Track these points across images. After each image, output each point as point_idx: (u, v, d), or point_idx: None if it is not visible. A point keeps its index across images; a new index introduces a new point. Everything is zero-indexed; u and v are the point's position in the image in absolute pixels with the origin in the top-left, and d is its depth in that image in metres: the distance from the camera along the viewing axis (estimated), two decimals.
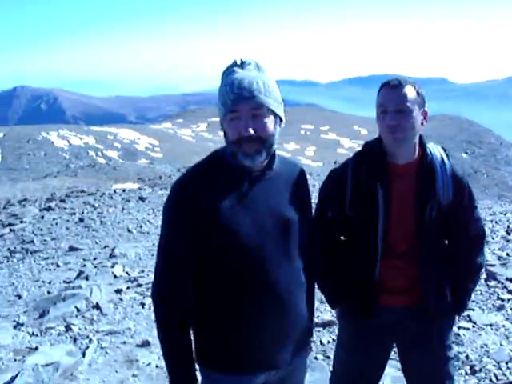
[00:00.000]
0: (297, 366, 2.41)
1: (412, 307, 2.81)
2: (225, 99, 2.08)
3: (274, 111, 2.14)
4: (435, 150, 2.79)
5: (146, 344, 5.17)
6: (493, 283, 6.63)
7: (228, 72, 2.13)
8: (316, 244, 2.57)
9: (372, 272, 2.75)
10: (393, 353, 3.05)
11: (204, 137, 66.65)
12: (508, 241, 9.62)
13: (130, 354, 4.98)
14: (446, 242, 2.88)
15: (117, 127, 64.96)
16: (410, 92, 2.59)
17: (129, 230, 11.28)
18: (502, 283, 6.61)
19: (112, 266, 8.21)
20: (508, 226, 11.22)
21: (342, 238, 2.92)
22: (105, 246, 9.94)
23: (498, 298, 6.09)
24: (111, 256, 9.03)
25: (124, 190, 17.96)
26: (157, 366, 4.73)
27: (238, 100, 2.06)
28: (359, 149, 2.91)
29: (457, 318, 3.11)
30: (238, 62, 2.13)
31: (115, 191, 17.78)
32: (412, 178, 2.73)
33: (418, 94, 2.63)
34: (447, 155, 2.81)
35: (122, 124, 79.24)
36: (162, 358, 4.70)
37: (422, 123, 2.67)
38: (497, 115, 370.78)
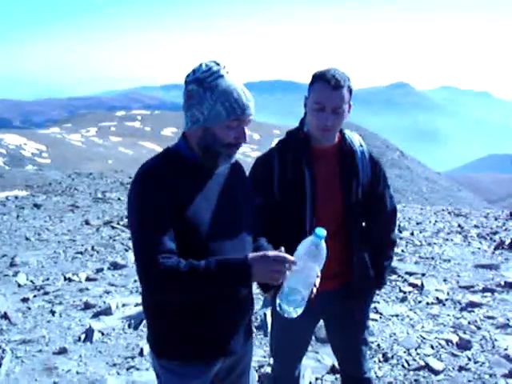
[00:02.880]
0: (246, 351, 2.56)
1: (340, 288, 3.05)
2: (232, 106, 2.16)
3: None
4: (352, 134, 3.04)
5: (63, 351, 5.07)
6: (394, 277, 7.05)
7: (217, 75, 2.18)
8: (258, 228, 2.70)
9: None
10: (311, 346, 3.25)
11: (94, 142, 65.07)
12: (401, 238, 10.20)
13: (48, 362, 4.87)
14: (364, 223, 3.13)
15: (1, 132, 62.09)
16: (346, 93, 2.75)
17: (27, 238, 10.88)
18: (402, 277, 7.06)
19: (14, 275, 7.93)
20: (399, 225, 11.89)
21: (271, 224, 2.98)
22: (3, 255, 9.54)
23: (400, 291, 6.51)
24: (12, 265, 8.70)
25: (17, 197, 17.27)
26: (77, 373, 4.65)
27: (247, 110, 2.19)
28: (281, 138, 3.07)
29: None
30: (222, 66, 2.21)
31: (7, 198, 17.06)
32: (334, 159, 2.94)
33: (350, 90, 2.79)
34: (362, 139, 3.06)
35: (6, 129, 75.77)
36: (80, 364, 4.66)
37: (346, 116, 2.86)
38: (382, 120, 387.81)
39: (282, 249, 2.13)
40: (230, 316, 2.37)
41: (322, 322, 3.29)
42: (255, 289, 3.18)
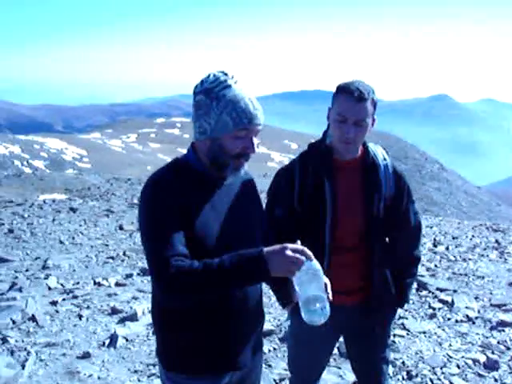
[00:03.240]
0: (255, 365, 2.52)
1: (360, 304, 2.98)
2: (239, 116, 2.13)
3: None
4: (376, 148, 2.97)
5: (86, 356, 5.10)
6: (424, 293, 6.91)
7: (224, 86, 2.16)
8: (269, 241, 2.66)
9: None
10: (333, 360, 3.19)
11: (134, 148, 65.91)
12: (435, 253, 10.04)
13: (71, 366, 4.90)
14: (387, 238, 3.05)
15: (43, 136, 63.42)
16: (369, 106, 2.69)
17: (61, 242, 11.05)
18: (433, 293, 6.91)
19: (45, 278, 8.03)
20: (434, 239, 11.70)
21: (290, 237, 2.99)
22: (36, 258, 9.70)
23: (430, 307, 6.37)
24: (44, 267, 8.83)
25: (54, 201, 17.59)
26: (99, 378, 4.67)
27: (254, 120, 2.16)
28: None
29: (392, 325, 3.30)
30: (230, 76, 2.19)
31: (45, 202, 17.38)
32: (356, 172, 2.88)
33: (374, 103, 2.74)
34: (387, 153, 2.99)
35: (48, 133, 77.34)
36: (103, 369, 4.68)
37: (370, 129, 2.81)
38: (422, 132, 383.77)
39: (299, 242, 2.08)
40: (239, 329, 2.34)
41: None
42: (275, 300, 3.14)
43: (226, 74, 2.19)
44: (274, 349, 5.26)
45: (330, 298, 2.15)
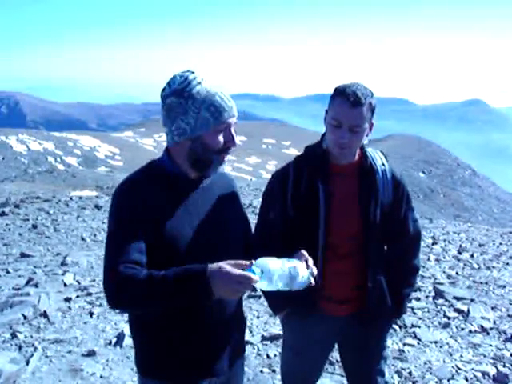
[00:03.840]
0: (235, 371, 2.46)
1: (354, 315, 2.89)
2: (218, 110, 2.11)
3: None
4: (374, 153, 2.87)
5: (91, 353, 5.09)
6: (440, 301, 6.75)
7: (195, 84, 2.12)
8: (254, 245, 2.59)
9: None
10: (339, 368, 3.10)
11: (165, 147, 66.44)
12: (459, 260, 9.84)
13: (75, 364, 4.90)
14: (385, 247, 2.95)
15: (77, 134, 64.33)
16: (366, 111, 2.58)
17: (82, 238, 11.14)
18: (449, 301, 6.74)
19: (63, 274, 8.09)
20: (460, 246, 11.48)
21: (283, 240, 2.87)
22: (57, 254, 9.80)
23: (445, 316, 6.21)
24: (63, 264, 8.90)
25: (80, 198, 17.76)
26: (101, 376, 4.66)
27: (231, 112, 2.15)
28: None
29: (402, 334, 3.20)
30: (196, 74, 2.16)
31: (71, 198, 17.56)
32: (353, 177, 2.79)
33: (371, 108, 2.62)
34: (385, 158, 2.89)
35: (82, 131, 78.42)
36: (106, 368, 4.67)
37: (367, 134, 2.71)
38: (454, 137, 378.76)
39: (253, 261, 1.88)
40: (216, 334, 2.28)
41: None
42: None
43: (192, 72, 2.15)
44: (280, 353, 5.18)
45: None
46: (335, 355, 4.45)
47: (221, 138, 2.16)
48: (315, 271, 2.08)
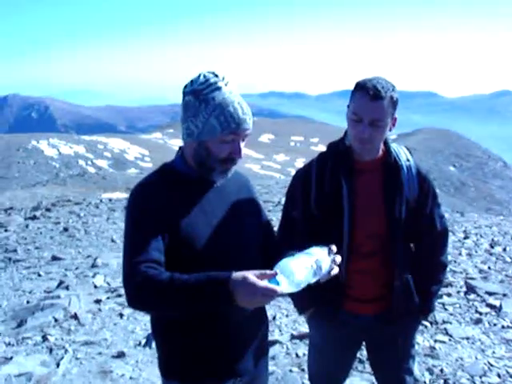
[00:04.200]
0: (260, 371, 2.44)
1: (381, 314, 2.84)
2: (227, 120, 2.07)
3: None
4: (399, 148, 2.81)
5: (121, 355, 5.13)
6: (472, 296, 6.65)
7: (214, 88, 2.09)
8: (275, 244, 2.54)
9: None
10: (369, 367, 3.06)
11: None
12: (491, 254, 9.67)
13: (105, 365, 4.94)
14: (412, 244, 2.89)
15: (107, 136, 64.97)
16: (387, 105, 2.52)
17: (112, 240, 11.23)
18: (481, 297, 6.63)
19: (93, 276, 8.17)
20: (492, 240, 11.28)
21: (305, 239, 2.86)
22: (87, 256, 9.89)
23: (476, 312, 6.11)
24: (93, 266, 8.98)
25: (110, 200, 17.94)
26: (131, 378, 4.69)
27: (242, 125, 2.09)
28: None
29: (433, 330, 3.15)
30: (221, 77, 2.12)
31: (101, 200, 17.75)
32: (377, 173, 2.74)
33: (393, 102, 2.56)
34: (410, 153, 2.84)
35: (112, 133, 79.24)
36: (135, 369, 4.68)
37: (390, 129, 2.67)
38: (484, 129, 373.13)
39: (277, 271, 1.81)
40: (239, 334, 2.26)
41: None
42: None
43: (216, 76, 2.12)
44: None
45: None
46: (365, 353, 4.41)
47: (226, 148, 2.12)
48: (338, 259, 2.07)
